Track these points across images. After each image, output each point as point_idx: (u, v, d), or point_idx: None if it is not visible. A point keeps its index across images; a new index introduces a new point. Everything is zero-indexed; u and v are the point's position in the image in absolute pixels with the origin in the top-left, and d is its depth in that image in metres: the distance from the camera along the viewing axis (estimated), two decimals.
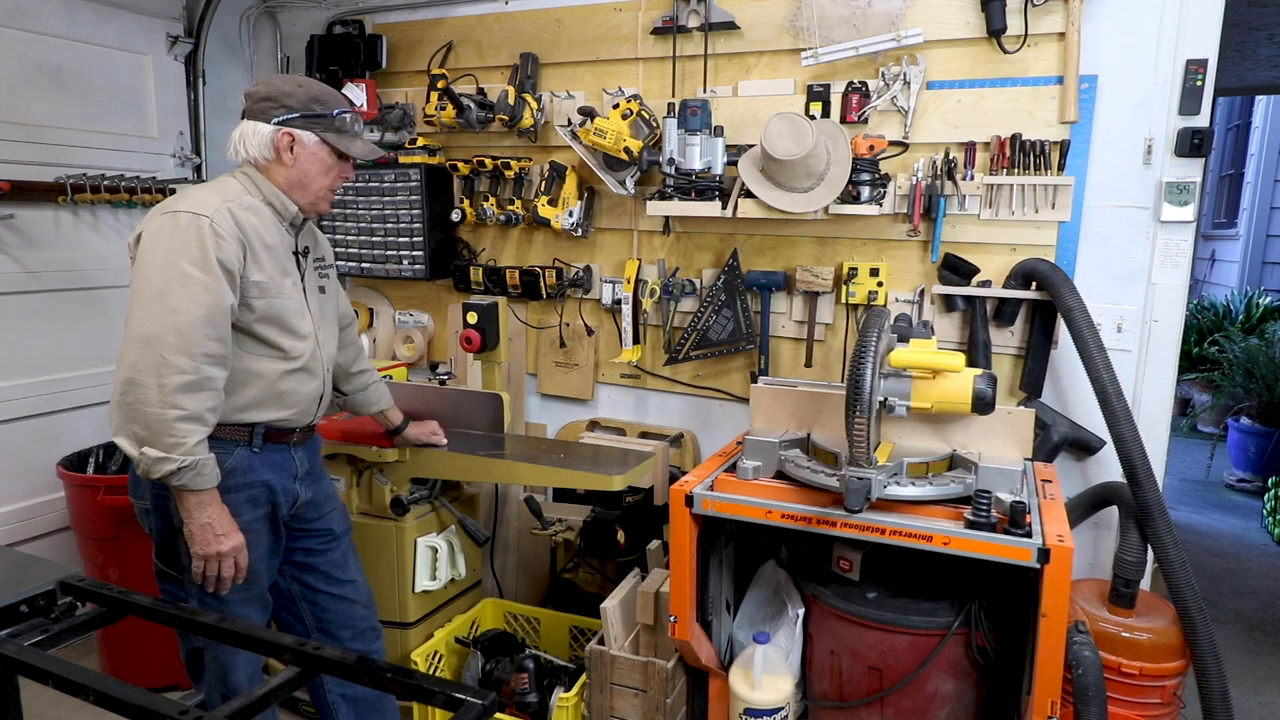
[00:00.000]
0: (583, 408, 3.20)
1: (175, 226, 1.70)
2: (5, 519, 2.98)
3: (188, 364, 1.64)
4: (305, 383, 1.93)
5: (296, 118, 1.84)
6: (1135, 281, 2.40)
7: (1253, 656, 3.26)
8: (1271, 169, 7.92)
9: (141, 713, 1.05)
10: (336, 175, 1.92)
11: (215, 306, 1.69)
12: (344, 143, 1.88)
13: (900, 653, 2.06)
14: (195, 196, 1.77)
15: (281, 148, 1.84)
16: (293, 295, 1.88)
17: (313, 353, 1.94)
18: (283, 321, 1.85)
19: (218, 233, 1.71)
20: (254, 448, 1.87)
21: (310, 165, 1.87)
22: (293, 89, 1.85)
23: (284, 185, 1.87)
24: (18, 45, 2.89)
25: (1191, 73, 2.26)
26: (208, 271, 1.68)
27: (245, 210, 1.79)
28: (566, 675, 2.54)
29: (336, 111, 1.88)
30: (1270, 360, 5.56)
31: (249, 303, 1.79)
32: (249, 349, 1.82)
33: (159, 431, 1.63)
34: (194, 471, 1.67)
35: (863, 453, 1.79)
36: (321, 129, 1.86)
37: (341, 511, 2.16)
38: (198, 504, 1.72)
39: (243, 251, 1.76)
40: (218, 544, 1.74)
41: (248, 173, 1.87)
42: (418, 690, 1.12)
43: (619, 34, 2.90)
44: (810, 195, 2.42)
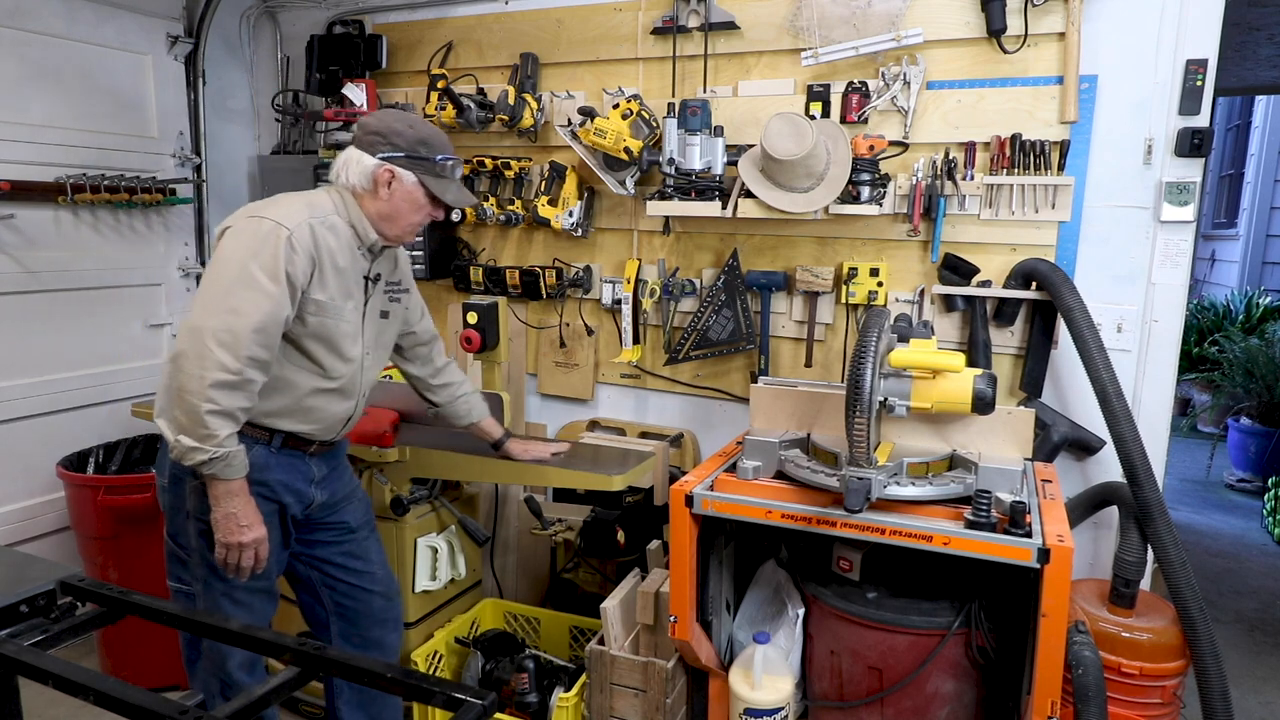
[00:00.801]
0: (583, 408, 3.20)
1: (257, 232, 1.75)
2: (5, 519, 2.98)
3: (232, 363, 1.69)
4: (335, 403, 1.97)
5: (401, 157, 1.89)
6: (1135, 281, 2.40)
7: (1253, 656, 3.26)
8: (1271, 169, 7.92)
9: (141, 713, 1.04)
10: (427, 214, 1.97)
11: (272, 316, 1.74)
12: (440, 187, 1.93)
13: (900, 653, 2.06)
14: (285, 206, 1.82)
15: (380, 182, 1.89)
16: (350, 319, 1.92)
17: (352, 377, 1.97)
18: (332, 342, 1.90)
19: (293, 246, 1.76)
20: (272, 448, 1.91)
21: (404, 203, 1.91)
22: (403, 128, 1.89)
23: (373, 216, 1.91)
24: (18, 45, 2.89)
25: (1191, 73, 2.26)
26: (274, 281, 1.73)
27: (327, 229, 1.83)
28: (566, 675, 2.54)
29: (440, 158, 1.93)
30: (1270, 360, 5.56)
31: (304, 317, 1.83)
32: (291, 359, 1.87)
33: (194, 422, 1.68)
34: (224, 462, 1.72)
35: (863, 453, 1.79)
36: (422, 171, 1.91)
37: (360, 505, 2.19)
38: (225, 493, 1.76)
39: (312, 268, 1.80)
40: (240, 534, 1.79)
41: (342, 194, 1.92)
42: (418, 690, 1.11)
43: (619, 34, 2.90)
44: (810, 195, 2.42)
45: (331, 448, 2.07)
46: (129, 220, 3.30)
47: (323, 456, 2.04)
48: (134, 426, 3.13)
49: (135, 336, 3.36)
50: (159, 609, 1.33)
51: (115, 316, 3.29)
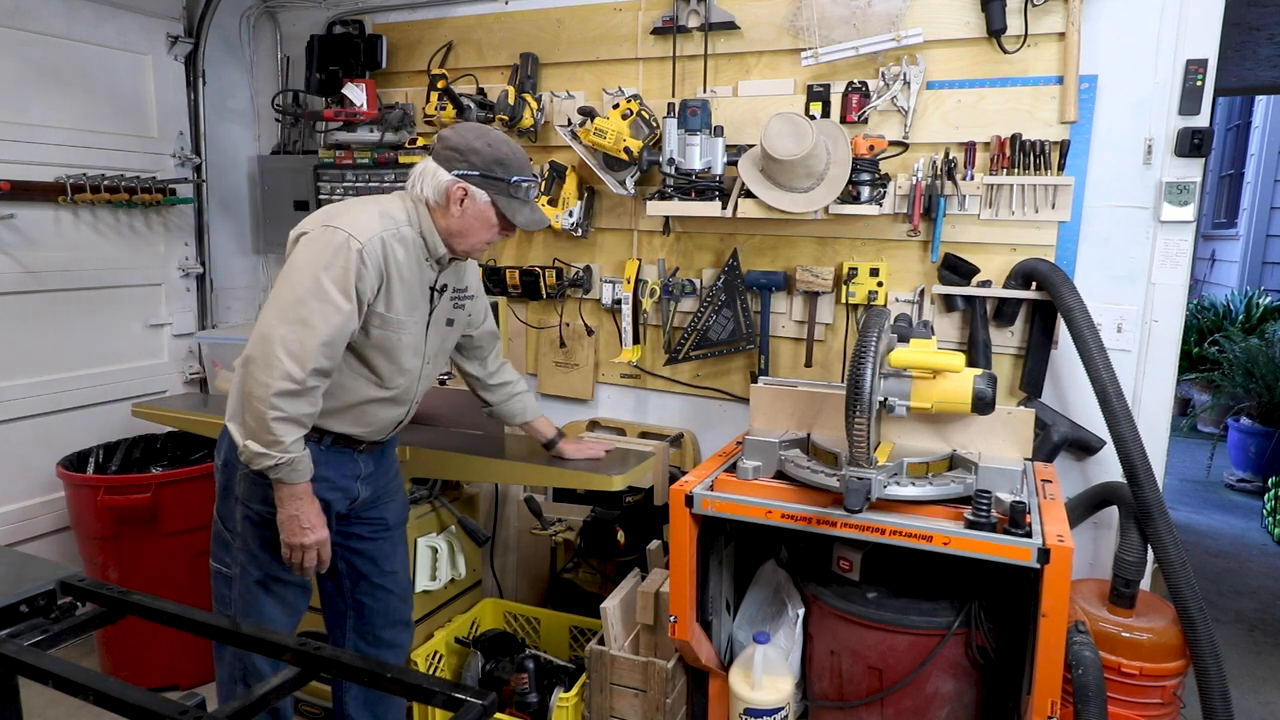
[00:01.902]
0: (583, 408, 3.20)
1: (330, 243, 1.75)
2: (5, 519, 2.98)
3: (298, 373, 1.71)
4: (388, 410, 1.99)
5: (476, 176, 1.88)
6: (1135, 281, 2.40)
7: (1253, 656, 3.26)
8: (1271, 169, 7.92)
9: (141, 713, 1.05)
10: (497, 233, 1.95)
11: (340, 330, 1.76)
12: (512, 209, 1.91)
13: (900, 653, 2.06)
14: (359, 216, 1.81)
15: (453, 199, 1.88)
16: (413, 330, 1.94)
17: (408, 387, 2.00)
18: (393, 354, 1.91)
19: (364, 261, 1.76)
20: (321, 446, 1.93)
21: (475, 221, 1.90)
22: (481, 147, 1.88)
23: (443, 230, 1.91)
24: (18, 45, 2.89)
25: (1191, 73, 2.26)
26: (346, 296, 1.75)
27: (397, 241, 1.83)
28: (566, 675, 2.54)
29: (515, 179, 1.91)
30: (1270, 360, 5.56)
31: (367, 329, 1.85)
32: (350, 367, 1.89)
33: (261, 428, 1.72)
34: (290, 467, 1.76)
35: (863, 453, 1.79)
36: (495, 192, 1.89)
37: (400, 504, 2.23)
38: (290, 496, 1.80)
39: (380, 283, 1.81)
40: (302, 536, 1.83)
41: (416, 203, 1.91)
42: (418, 690, 1.12)
43: (619, 34, 2.90)
44: (810, 195, 2.42)
45: (381, 445, 2.10)
46: (129, 220, 3.30)
47: (371, 454, 2.07)
48: (134, 426, 3.13)
49: (135, 336, 3.36)
50: (159, 609, 1.33)
51: (115, 316, 3.29)
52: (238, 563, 1.95)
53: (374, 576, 2.15)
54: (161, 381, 3.45)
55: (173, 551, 2.82)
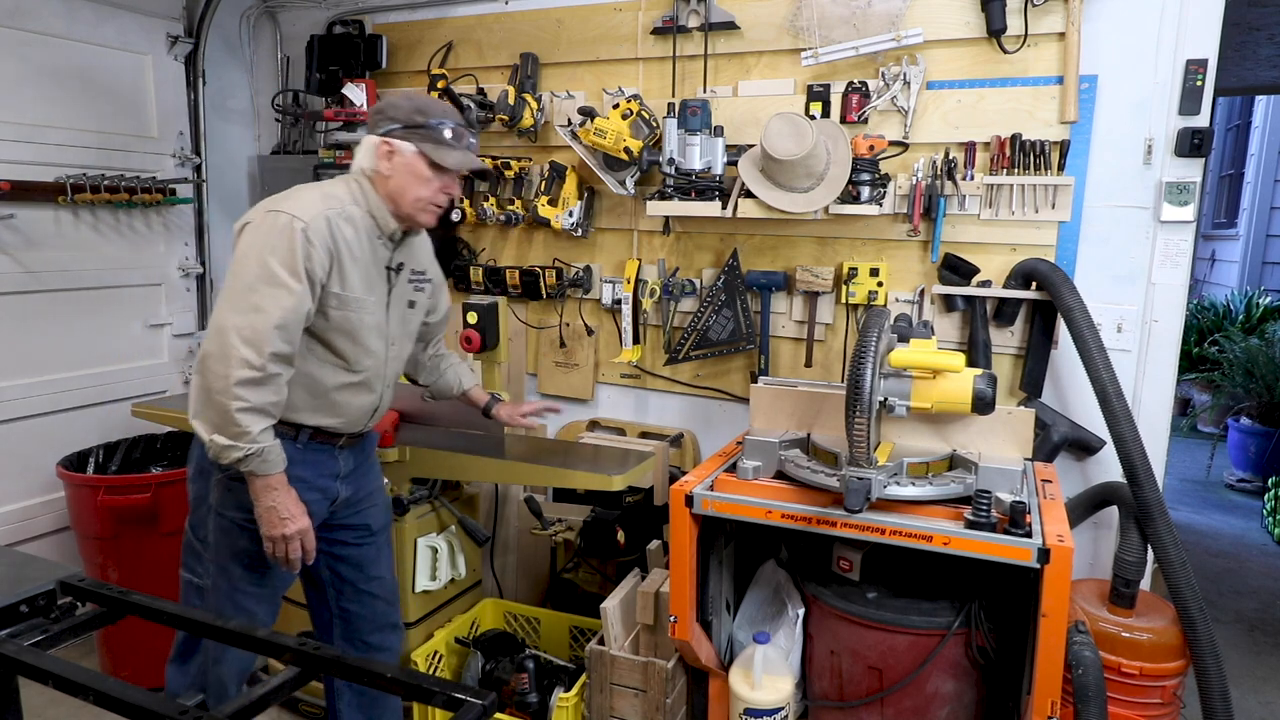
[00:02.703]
0: (583, 408, 3.20)
1: (274, 226, 1.75)
2: (5, 519, 2.98)
3: (256, 359, 1.69)
4: (359, 395, 1.96)
5: (398, 128, 1.86)
6: (1135, 281, 2.40)
7: (1253, 656, 3.26)
8: (1271, 169, 7.92)
9: (141, 713, 1.04)
10: (437, 188, 1.90)
11: (294, 311, 1.74)
12: (439, 154, 1.87)
13: (900, 653, 2.06)
14: (301, 198, 1.81)
15: (381, 156, 1.87)
16: (374, 311, 1.91)
17: (376, 370, 1.97)
18: (356, 335, 1.89)
19: (310, 240, 1.75)
20: (298, 444, 1.90)
21: (406, 174, 1.87)
22: (401, 102, 1.88)
23: (385, 196, 1.89)
24: (18, 45, 2.89)
25: (1191, 73, 2.26)
26: (295, 277, 1.73)
27: (344, 220, 1.82)
28: (566, 675, 2.54)
29: (436, 121, 1.87)
30: (1270, 360, 5.56)
31: (325, 311, 1.82)
32: (315, 353, 1.87)
33: (225, 420, 1.69)
34: (260, 458, 1.73)
35: (863, 453, 1.79)
36: (419, 139, 1.86)
37: (382, 507, 2.20)
38: (265, 488, 1.77)
39: (330, 262, 1.79)
40: (283, 527, 1.79)
41: (359, 181, 1.90)
42: (418, 690, 1.11)
43: (619, 34, 2.90)
44: (810, 195, 2.42)
45: (360, 440, 2.07)
46: (129, 220, 3.30)
47: (351, 450, 2.04)
48: (134, 426, 3.13)
49: (135, 336, 3.36)
50: (159, 609, 1.33)
51: (115, 316, 3.29)
52: (209, 573, 1.93)
53: (359, 583, 2.12)
54: (161, 381, 3.45)
55: (173, 551, 2.78)
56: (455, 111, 1.95)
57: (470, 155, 1.93)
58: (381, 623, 2.18)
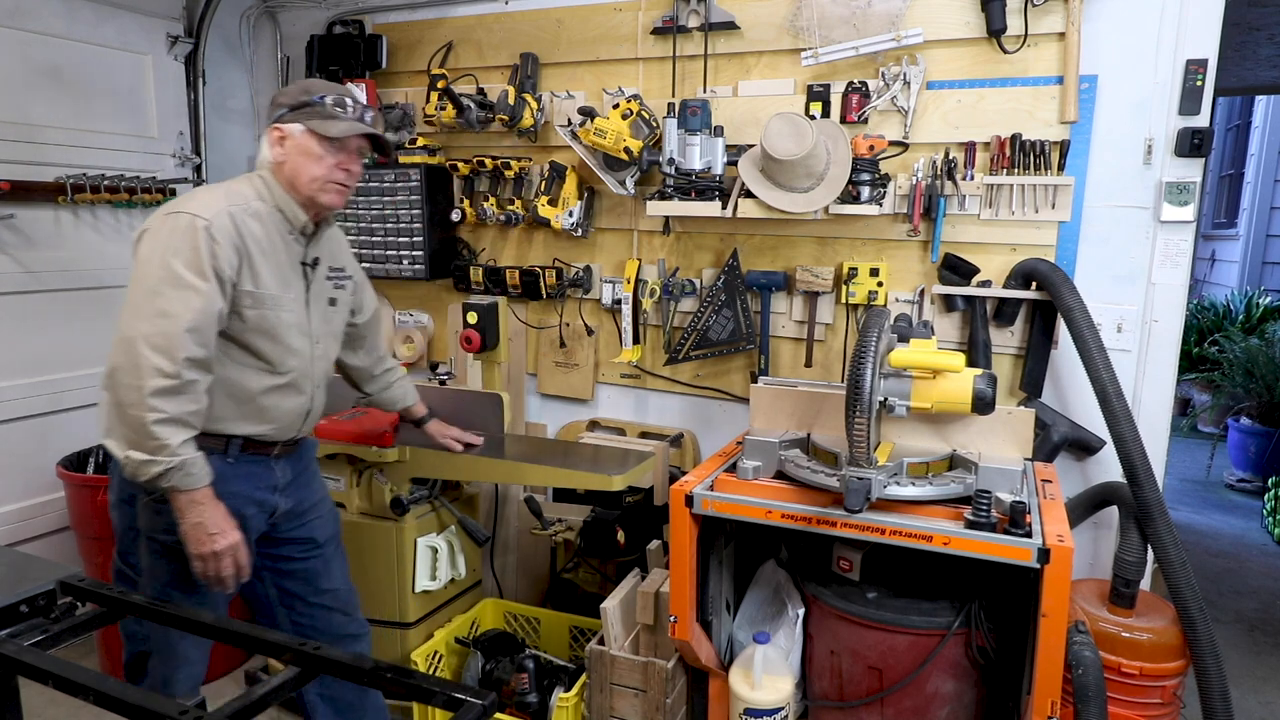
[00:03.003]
0: (583, 408, 3.20)
1: (175, 228, 1.68)
2: (5, 519, 2.98)
3: (169, 367, 1.61)
4: (288, 399, 1.88)
5: (286, 112, 1.83)
6: (1135, 281, 2.40)
7: (1253, 656, 3.26)
8: (1271, 169, 7.92)
9: (141, 713, 1.04)
10: (332, 165, 1.84)
11: (205, 313, 1.67)
12: (325, 126, 1.81)
13: (900, 653, 2.06)
14: (201, 198, 1.75)
15: (274, 143, 1.83)
16: (292, 309, 1.85)
17: (303, 370, 1.90)
18: (275, 334, 1.82)
19: (214, 237, 1.69)
20: (229, 458, 1.82)
21: (298, 157, 1.82)
22: (290, 89, 1.86)
23: (285, 184, 1.84)
24: (18, 45, 2.89)
25: (1191, 73, 2.26)
26: (201, 276, 1.66)
27: (250, 216, 1.77)
28: (566, 675, 2.54)
29: (319, 97, 1.82)
30: (1270, 360, 5.56)
31: (240, 312, 1.76)
32: (235, 358, 1.79)
33: (141, 434, 1.61)
34: (181, 472, 1.64)
35: (863, 453, 1.79)
36: (305, 117, 1.81)
37: (328, 518, 2.11)
38: (189, 503, 1.68)
39: (239, 259, 1.73)
40: (211, 543, 1.70)
41: (264, 176, 1.85)
42: (418, 690, 1.12)
43: (619, 34, 2.90)
44: (810, 195, 2.42)
45: (296, 448, 1.99)
46: (129, 220, 3.30)
47: (288, 459, 1.96)
48: None
49: None
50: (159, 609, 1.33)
51: (115, 316, 3.27)
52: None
53: (310, 596, 2.04)
54: None
55: None
56: (345, 88, 1.91)
57: (358, 123, 1.85)
58: (339, 634, 2.09)
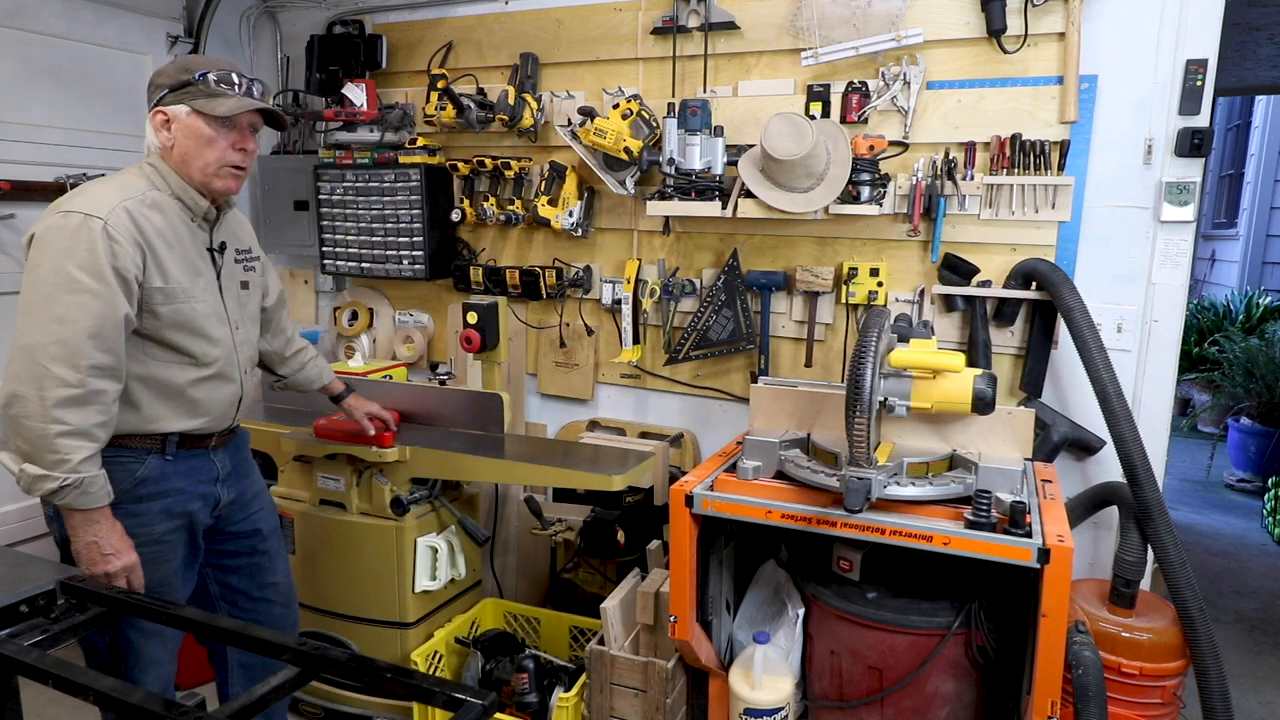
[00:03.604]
0: (583, 408, 3.20)
1: (65, 227, 1.59)
2: (5, 519, 2.98)
3: (72, 377, 1.54)
4: (219, 389, 1.84)
5: (167, 93, 1.71)
6: (1135, 281, 2.40)
7: (1253, 656, 3.26)
8: (1271, 169, 7.92)
9: (141, 713, 1.05)
10: (225, 145, 1.74)
11: (106, 317, 1.59)
12: (211, 105, 1.70)
13: (900, 653, 2.06)
14: (93, 193, 1.66)
15: (159, 128, 1.73)
16: (205, 298, 1.79)
17: (227, 357, 1.85)
18: (193, 327, 1.76)
19: (112, 236, 1.60)
20: (167, 455, 1.78)
21: (187, 140, 1.72)
22: (168, 68, 1.74)
23: (176, 168, 1.74)
24: (18, 45, 2.89)
25: (1191, 73, 2.26)
26: (99, 279, 1.58)
27: (148, 208, 1.69)
28: (566, 675, 2.54)
29: (201, 74, 1.71)
30: (1270, 360, 5.56)
31: (154, 310, 1.69)
32: (156, 356, 1.73)
33: (41, 447, 1.54)
34: (79, 490, 1.57)
35: (863, 453, 1.79)
36: (190, 98, 1.70)
37: (270, 509, 2.10)
38: (84, 522, 1.62)
39: (141, 256, 1.65)
40: (105, 564, 1.64)
41: (154, 164, 1.76)
42: (418, 690, 1.12)
43: (619, 34, 2.90)
44: (810, 195, 2.42)
45: (232, 437, 1.96)
46: None
47: (225, 449, 1.93)
48: None
49: None
50: (159, 609, 1.33)
51: None
52: None
53: (253, 592, 2.03)
54: None
55: None
56: (227, 62, 1.77)
57: (248, 99, 1.75)
58: (279, 627, 2.08)
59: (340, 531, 2.56)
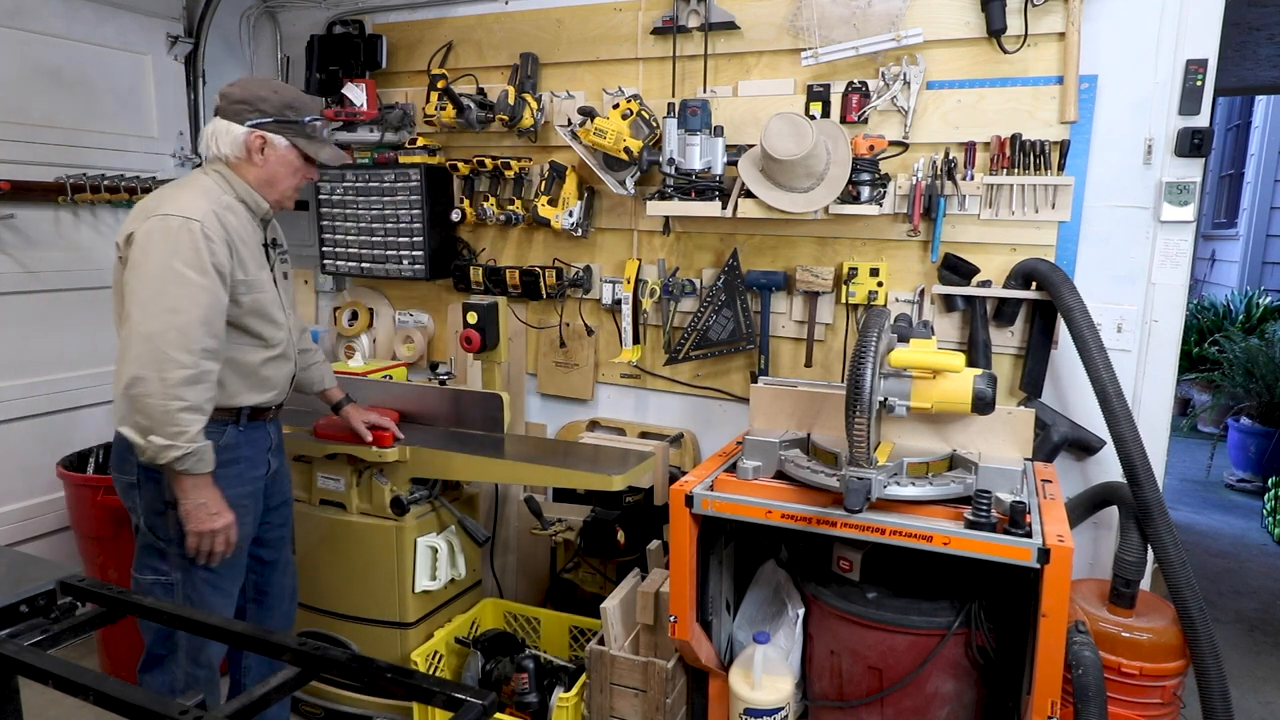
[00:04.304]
0: (583, 408, 3.20)
1: (167, 230, 1.79)
2: (5, 519, 2.98)
3: (188, 359, 1.75)
4: (282, 366, 2.08)
5: (270, 122, 1.94)
6: (1135, 281, 2.40)
7: (1253, 656, 3.26)
8: (1271, 169, 7.92)
9: (141, 713, 1.04)
10: (303, 177, 2.03)
11: (212, 306, 1.81)
12: (313, 148, 2.00)
13: (900, 653, 2.06)
14: (183, 199, 1.85)
15: (253, 149, 1.94)
16: (268, 288, 2.00)
17: (287, 339, 2.08)
18: (265, 313, 1.98)
19: (208, 236, 1.81)
20: (240, 427, 2.00)
21: (279, 167, 1.98)
22: (268, 94, 1.94)
23: (254, 183, 1.97)
24: (18, 45, 2.89)
25: (1191, 73, 2.26)
26: (204, 274, 1.80)
27: (227, 211, 1.89)
28: (566, 675, 2.54)
29: (308, 119, 1.99)
30: (1270, 360, 5.56)
31: (237, 299, 1.90)
32: (236, 340, 1.94)
33: (164, 422, 1.75)
34: (196, 458, 1.79)
35: (863, 453, 1.79)
36: (292, 134, 1.97)
37: (288, 476, 2.31)
38: (194, 486, 1.83)
39: (229, 253, 1.87)
40: (210, 522, 1.87)
41: (220, 170, 1.96)
42: (418, 690, 1.12)
43: (619, 34, 2.90)
44: (810, 195, 2.42)
45: (279, 412, 2.17)
46: None
47: (275, 422, 2.16)
48: None
49: None
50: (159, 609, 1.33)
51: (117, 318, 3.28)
52: (178, 567, 1.95)
53: (274, 558, 2.23)
54: None
55: None
56: (316, 102, 2.06)
57: (339, 150, 2.07)
58: (290, 596, 2.32)
59: (340, 531, 2.56)
